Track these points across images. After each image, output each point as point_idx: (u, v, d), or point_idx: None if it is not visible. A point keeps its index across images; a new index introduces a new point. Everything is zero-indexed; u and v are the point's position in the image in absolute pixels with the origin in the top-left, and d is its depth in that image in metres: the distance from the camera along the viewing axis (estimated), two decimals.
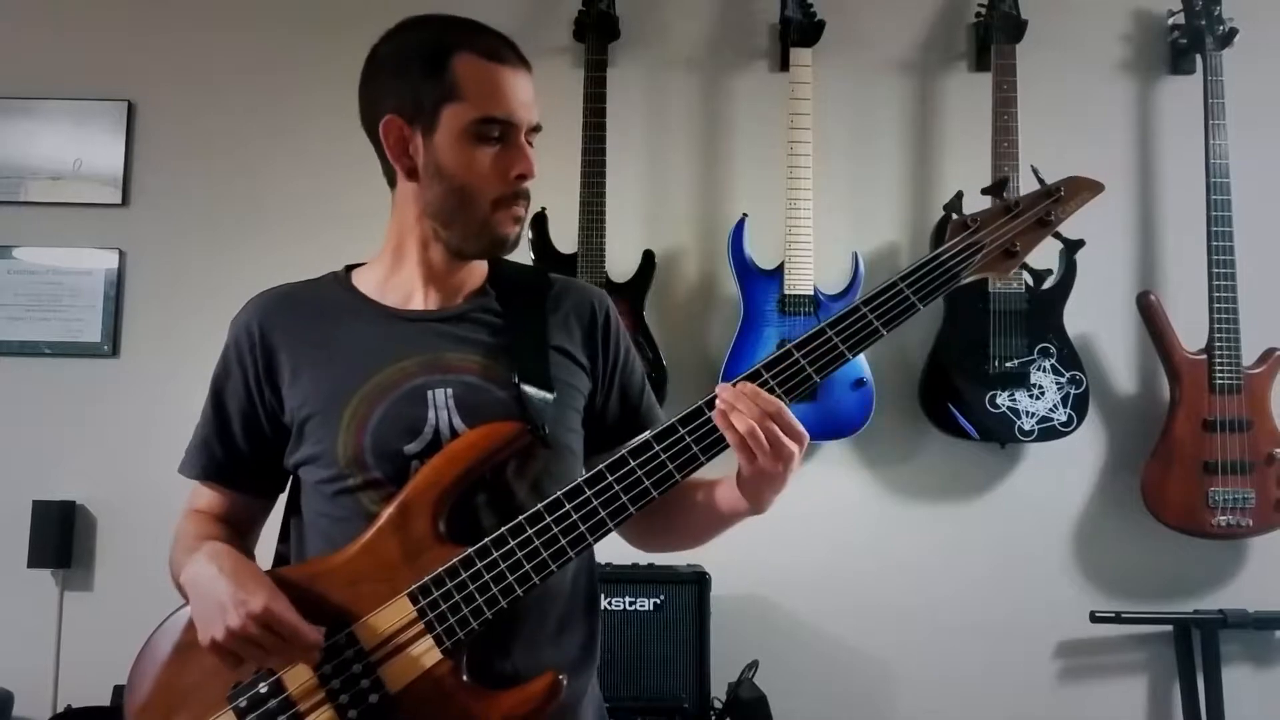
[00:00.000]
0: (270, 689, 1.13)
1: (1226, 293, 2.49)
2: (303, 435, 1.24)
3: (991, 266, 1.23)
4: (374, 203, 2.82)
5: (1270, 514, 2.47)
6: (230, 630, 1.08)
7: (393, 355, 1.23)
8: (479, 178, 1.21)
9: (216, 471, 1.31)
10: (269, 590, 1.11)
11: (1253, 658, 2.60)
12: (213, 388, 1.33)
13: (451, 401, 1.21)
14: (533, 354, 1.26)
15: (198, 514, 1.32)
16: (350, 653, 1.13)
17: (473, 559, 1.13)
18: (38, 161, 2.67)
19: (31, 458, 2.60)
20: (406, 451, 1.19)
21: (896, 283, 1.18)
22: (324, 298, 1.31)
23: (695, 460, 1.13)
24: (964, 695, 2.57)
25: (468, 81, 1.20)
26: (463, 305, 1.29)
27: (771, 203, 2.57)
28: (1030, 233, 1.23)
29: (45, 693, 2.48)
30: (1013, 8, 2.59)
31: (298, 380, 1.25)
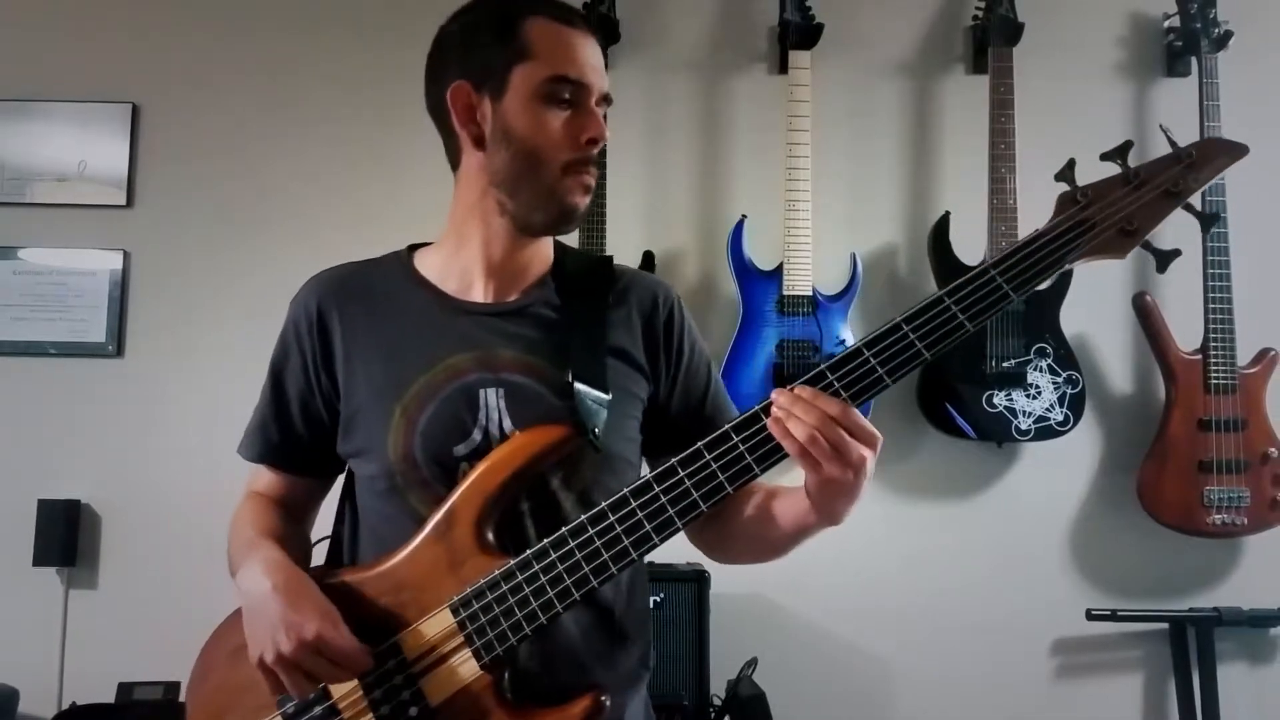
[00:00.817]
0: (317, 696, 1.12)
1: (1221, 294, 2.49)
2: (353, 427, 1.21)
3: (1105, 248, 1.05)
4: (376, 204, 2.84)
5: (1265, 513, 2.47)
6: (281, 655, 1.06)
7: (446, 350, 1.18)
8: (549, 140, 1.15)
9: (273, 454, 1.28)
10: (321, 612, 1.08)
11: (1248, 655, 2.60)
12: (271, 369, 1.28)
13: (503, 403, 1.16)
14: (590, 354, 1.20)
15: (256, 497, 1.30)
16: (393, 663, 1.11)
17: (514, 572, 1.09)
18: (43, 163, 2.67)
19: (36, 457, 2.60)
20: (455, 454, 1.15)
21: (988, 269, 1.03)
22: (384, 280, 1.26)
23: (749, 471, 1.04)
24: (961, 692, 2.57)
25: (540, 42, 1.15)
26: (521, 299, 1.23)
27: (770, 204, 2.57)
28: (1154, 206, 1.06)
29: (50, 690, 2.48)
30: (1009, 11, 2.59)
31: (351, 371, 1.21)
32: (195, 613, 2.63)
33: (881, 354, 1.03)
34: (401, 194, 2.64)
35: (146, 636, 2.50)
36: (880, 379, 1.03)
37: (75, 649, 2.53)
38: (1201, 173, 1.07)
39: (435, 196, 2.83)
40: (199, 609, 2.62)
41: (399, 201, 2.64)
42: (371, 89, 2.67)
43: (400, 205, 2.63)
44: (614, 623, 1.20)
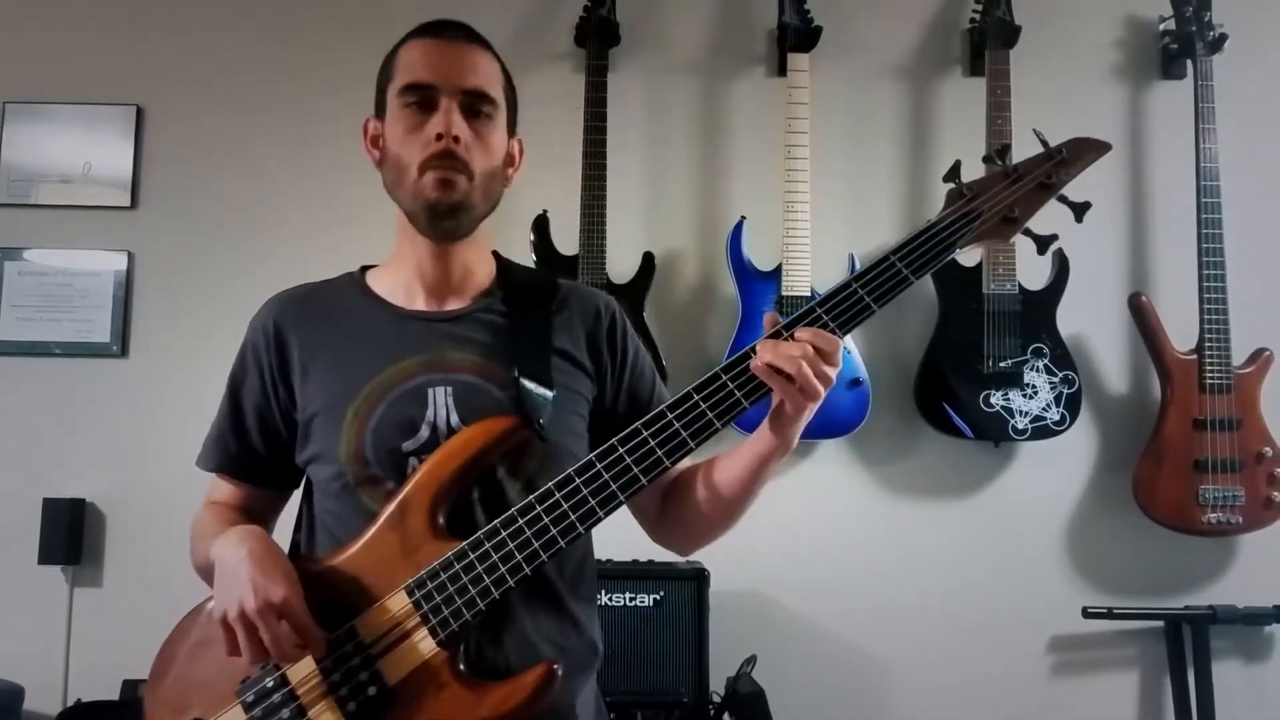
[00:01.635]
0: (275, 683, 1.13)
1: (1217, 294, 2.49)
2: (309, 434, 1.25)
3: (990, 234, 1.17)
4: (378, 205, 2.82)
5: (1260, 511, 2.47)
6: (245, 613, 1.08)
7: (396, 355, 1.23)
8: (405, 146, 1.22)
9: (231, 465, 1.32)
10: (291, 583, 1.11)
11: (1242, 653, 2.60)
12: (229, 384, 1.34)
13: (450, 400, 1.20)
14: (534, 353, 1.25)
15: (215, 505, 1.33)
16: (350, 646, 1.13)
17: (466, 552, 1.13)
18: (48, 165, 2.67)
19: (42, 456, 2.60)
20: (404, 449, 1.19)
21: (888, 257, 1.15)
22: (337, 298, 1.32)
23: (709, 428, 1.13)
24: (958, 689, 2.57)
25: (401, 61, 1.26)
26: (466, 306, 1.29)
27: (769, 205, 2.57)
28: (1031, 198, 1.17)
29: (55, 687, 2.48)
30: (1006, 14, 2.59)
31: (307, 379, 1.26)
32: None
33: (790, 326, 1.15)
34: None
35: (151, 634, 2.48)
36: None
37: (80, 646, 2.53)
38: (1072, 167, 1.17)
39: None
40: None
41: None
42: (373, 92, 2.67)
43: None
44: (562, 607, 1.23)
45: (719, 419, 1.13)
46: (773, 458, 1.18)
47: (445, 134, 1.20)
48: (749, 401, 1.14)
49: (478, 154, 1.23)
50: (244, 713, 1.14)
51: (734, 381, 1.15)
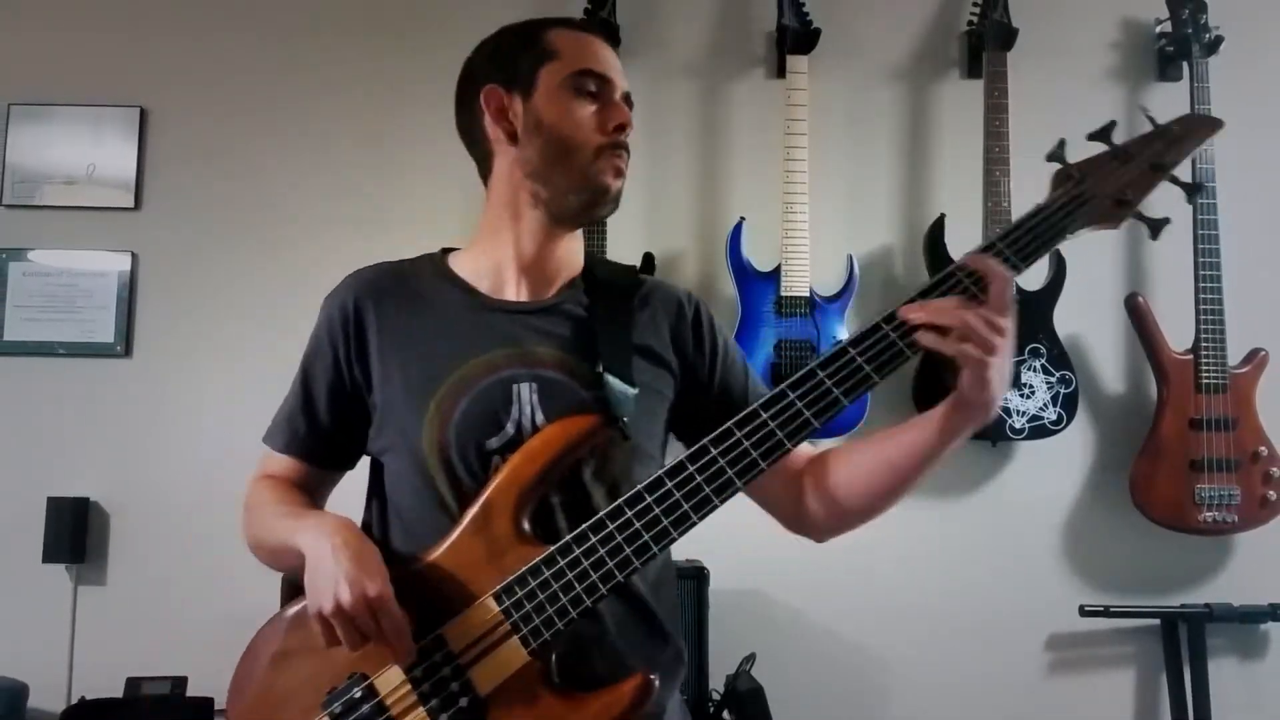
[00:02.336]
0: (364, 694, 1.10)
1: (1212, 294, 2.49)
2: (386, 423, 1.21)
3: (1100, 218, 1.10)
4: (380, 205, 2.83)
5: (1255, 510, 2.47)
6: (340, 606, 1.05)
7: (480, 347, 1.19)
8: (579, 127, 1.20)
9: (299, 446, 1.28)
10: (384, 578, 1.08)
11: (1238, 651, 2.60)
12: (303, 363, 1.29)
13: (535, 396, 1.17)
14: (617, 350, 1.21)
15: (272, 480, 1.30)
16: (439, 656, 1.09)
17: (555, 557, 1.09)
18: (52, 166, 2.67)
19: (46, 455, 2.59)
20: (488, 447, 1.15)
21: (994, 243, 1.09)
22: (419, 279, 1.27)
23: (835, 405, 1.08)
24: (956, 687, 2.57)
25: (563, 44, 1.23)
26: (553, 298, 1.25)
27: (768, 206, 2.56)
28: (1143, 179, 1.11)
29: (60, 685, 2.48)
30: (1004, 16, 2.59)
31: (386, 366, 1.22)
32: (202, 609, 2.66)
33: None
34: (406, 196, 2.64)
35: (154, 632, 2.50)
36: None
37: (84, 644, 2.53)
38: (1184, 146, 1.11)
39: (439, 198, 2.84)
40: (206, 605, 2.65)
41: (403, 203, 2.64)
42: (376, 92, 2.67)
43: (405, 207, 2.63)
44: (649, 616, 1.20)
45: (817, 417, 1.09)
46: (966, 426, 1.13)
47: (628, 125, 1.22)
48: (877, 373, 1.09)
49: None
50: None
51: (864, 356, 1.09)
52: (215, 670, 2.40)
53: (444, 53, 2.64)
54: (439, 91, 2.66)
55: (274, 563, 1.24)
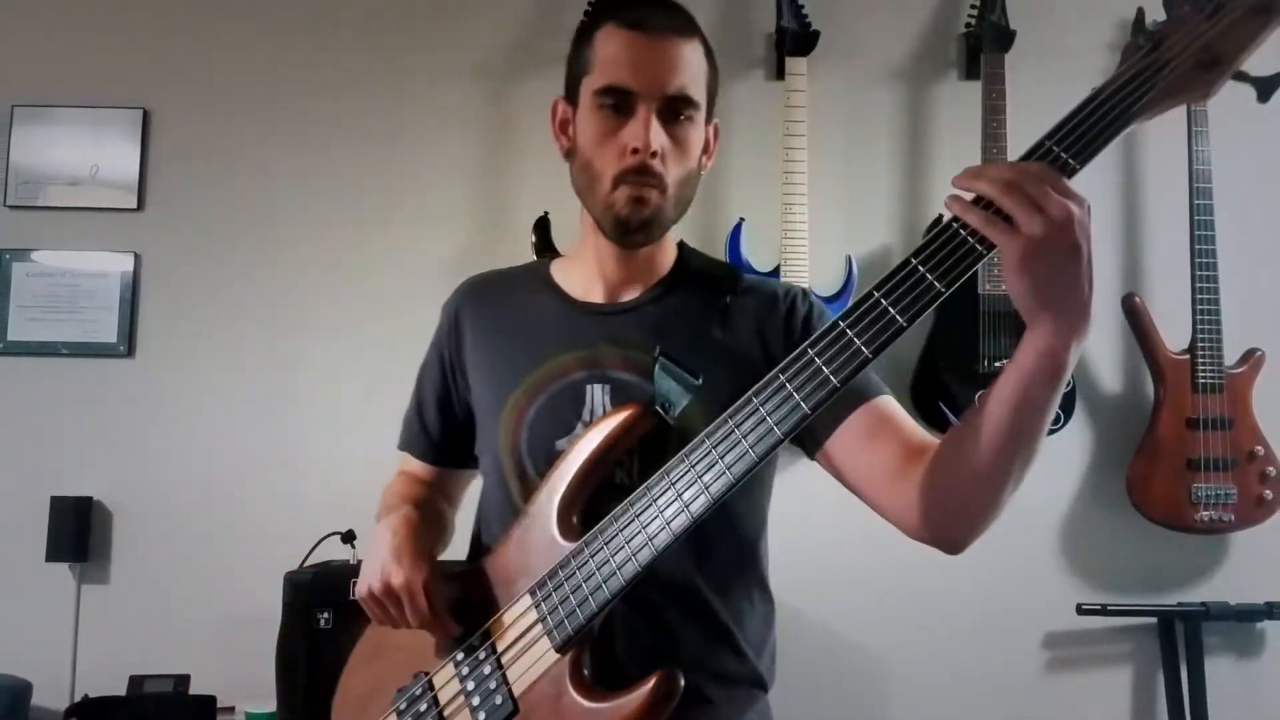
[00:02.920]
0: (423, 689, 1.13)
1: (1209, 295, 2.49)
2: (479, 425, 1.25)
3: (1182, 88, 0.86)
4: (383, 206, 2.82)
5: (1252, 509, 2.47)
6: (371, 592, 1.11)
7: (557, 348, 1.19)
8: (599, 153, 1.14)
9: (415, 445, 1.34)
10: (415, 568, 1.10)
11: (1234, 649, 2.60)
12: (421, 366, 1.35)
13: (608, 398, 1.15)
14: (686, 341, 1.15)
15: (404, 475, 1.36)
16: (482, 653, 1.10)
17: (580, 548, 1.05)
18: (55, 167, 2.66)
19: (49, 455, 2.59)
20: (558, 447, 1.15)
21: (1043, 141, 0.89)
22: (520, 285, 1.29)
23: (826, 384, 0.90)
24: (954, 685, 2.57)
25: (601, 51, 1.13)
26: (635, 299, 1.22)
27: (768, 207, 2.56)
28: (1241, 28, 0.84)
29: (63, 683, 2.48)
30: (1001, 18, 2.59)
31: (477, 369, 1.25)
32: (204, 608, 2.65)
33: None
34: (409, 197, 2.64)
35: (157, 630, 2.50)
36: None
37: (87, 642, 2.53)
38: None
39: (442, 199, 2.84)
40: (208, 604, 2.64)
41: (407, 204, 2.63)
42: (378, 93, 2.66)
43: (408, 208, 2.63)
44: (716, 623, 1.13)
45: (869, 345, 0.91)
46: (1046, 357, 0.89)
47: (643, 150, 1.10)
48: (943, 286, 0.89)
49: (673, 163, 1.14)
50: (397, 719, 1.15)
51: (889, 294, 0.91)
52: (217, 668, 2.43)
53: (446, 52, 2.68)
54: (442, 91, 2.68)
55: None
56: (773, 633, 1.21)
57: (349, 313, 2.56)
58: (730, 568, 1.16)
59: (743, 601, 1.17)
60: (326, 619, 2.05)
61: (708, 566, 1.12)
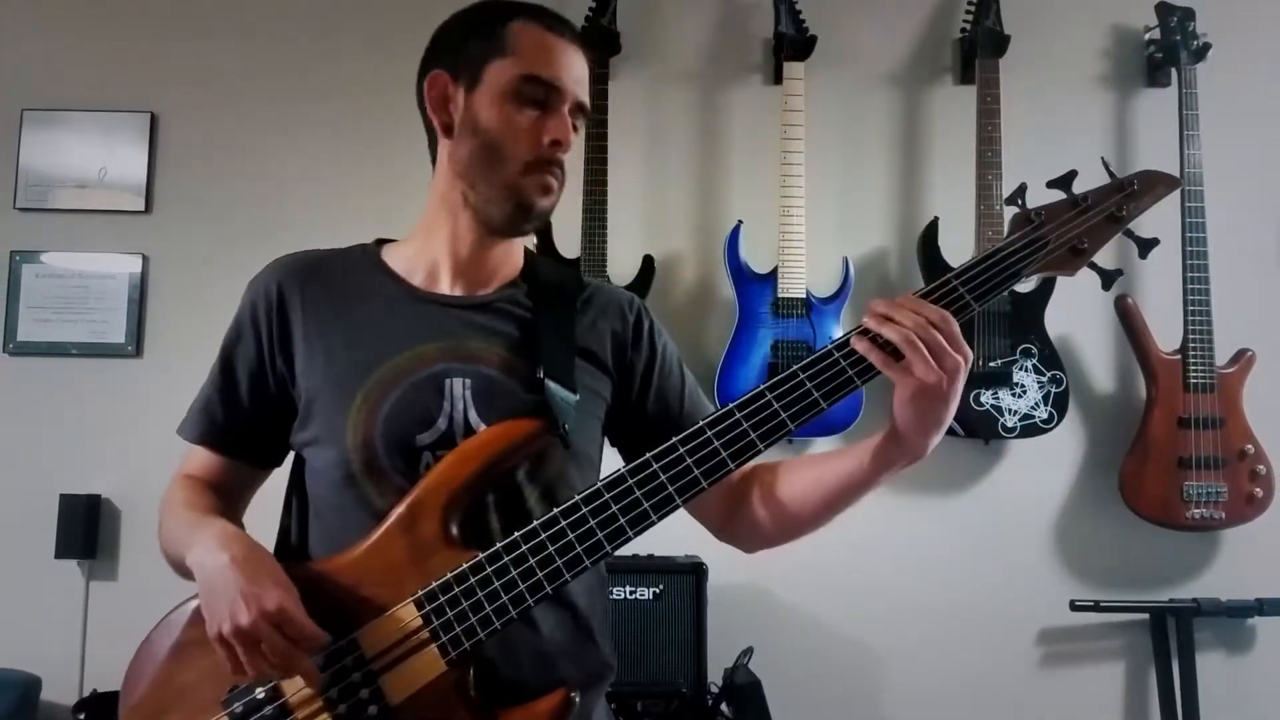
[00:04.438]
0: (267, 695, 1.03)
1: (1200, 296, 2.49)
2: (310, 415, 1.13)
3: (1056, 265, 1.08)
4: (387, 208, 2.83)
5: (1242, 507, 2.47)
6: (239, 627, 0.97)
7: (412, 339, 1.12)
8: (511, 136, 1.11)
9: (215, 436, 1.20)
10: (283, 587, 1.00)
11: (1225, 644, 2.60)
12: (222, 349, 1.22)
13: (469, 393, 1.10)
14: (559, 353, 1.14)
15: (187, 479, 1.22)
16: (350, 660, 1.02)
17: (482, 564, 1.02)
18: (65, 171, 2.67)
19: (59, 453, 2.59)
20: (418, 442, 1.08)
21: (950, 280, 1.05)
22: (349, 268, 1.20)
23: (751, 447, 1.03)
24: (949, 680, 2.57)
25: (520, 41, 1.12)
26: (490, 294, 1.18)
27: (766, 210, 2.57)
28: (1100, 230, 1.09)
29: (72, 678, 2.48)
30: (996, 24, 2.59)
31: (311, 355, 1.14)
32: None
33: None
34: (415, 198, 2.63)
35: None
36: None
37: (96, 638, 2.53)
38: (1142, 200, 1.11)
39: None
40: None
41: (412, 206, 2.62)
42: (382, 96, 2.66)
43: (414, 209, 2.62)
44: (581, 620, 1.13)
45: (762, 439, 1.03)
46: (897, 463, 1.07)
47: (565, 144, 1.12)
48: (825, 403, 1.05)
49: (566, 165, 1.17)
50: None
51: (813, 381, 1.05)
52: None
53: None
54: None
55: (181, 575, 1.13)
56: (609, 617, 1.22)
57: None
58: (595, 577, 1.16)
59: (596, 595, 1.17)
60: None
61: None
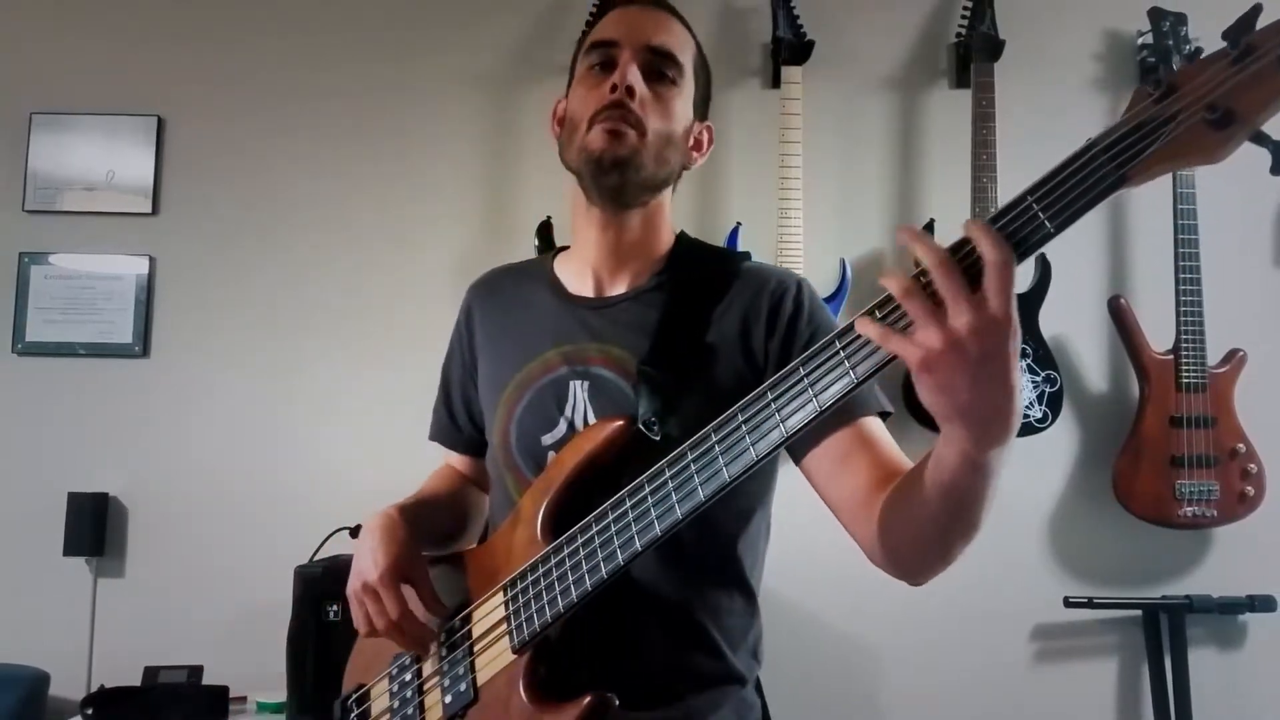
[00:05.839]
0: (411, 659, 1.15)
1: (1192, 296, 2.49)
2: (483, 415, 1.26)
3: (1186, 149, 0.70)
4: (391, 210, 2.82)
5: (1234, 505, 2.47)
6: (366, 583, 1.09)
7: (544, 345, 1.17)
8: (581, 104, 1.14)
9: (443, 434, 1.35)
10: (390, 566, 1.08)
11: (1217, 640, 2.60)
12: (445, 358, 1.35)
13: (585, 395, 1.13)
14: (673, 343, 1.10)
15: (444, 467, 1.37)
16: (459, 636, 1.10)
17: (549, 555, 1.03)
18: (73, 173, 2.66)
19: (67, 452, 2.59)
20: (544, 443, 1.14)
21: (1024, 197, 0.76)
22: (525, 280, 1.28)
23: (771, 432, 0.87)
24: (945, 675, 2.57)
25: (593, 33, 1.18)
26: (625, 292, 1.18)
27: (764, 212, 2.56)
28: (1269, 80, 0.69)
29: (80, 674, 2.48)
30: (991, 28, 2.59)
31: (484, 363, 1.25)
32: (217, 600, 2.65)
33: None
34: (421, 201, 2.63)
35: (171, 622, 2.50)
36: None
37: (103, 634, 2.53)
38: None
39: (457, 203, 2.83)
40: (220, 597, 2.64)
41: (418, 208, 2.63)
42: (386, 100, 2.66)
43: (420, 212, 2.63)
44: (688, 624, 1.09)
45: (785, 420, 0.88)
46: (962, 466, 0.85)
47: (620, 84, 1.09)
48: (854, 377, 0.84)
49: (654, 113, 1.10)
50: (388, 684, 1.16)
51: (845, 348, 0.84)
52: (229, 659, 2.43)
53: (452, 60, 2.68)
54: (449, 98, 2.68)
55: None
56: (754, 628, 1.16)
57: (358, 313, 2.56)
58: (703, 569, 1.12)
59: (718, 600, 1.12)
60: (335, 612, 2.05)
61: (677, 570, 1.07)
